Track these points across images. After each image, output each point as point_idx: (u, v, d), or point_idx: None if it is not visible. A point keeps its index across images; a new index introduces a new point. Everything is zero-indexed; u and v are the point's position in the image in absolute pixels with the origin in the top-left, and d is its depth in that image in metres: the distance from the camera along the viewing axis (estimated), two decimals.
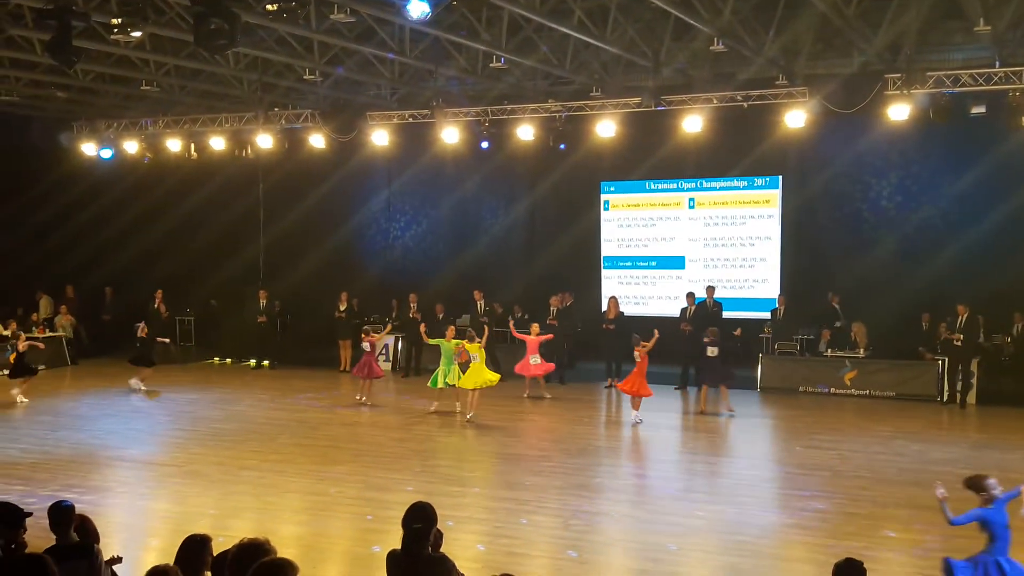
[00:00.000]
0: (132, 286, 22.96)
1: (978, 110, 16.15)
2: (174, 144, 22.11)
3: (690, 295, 19.46)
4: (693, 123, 17.64)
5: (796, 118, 17.10)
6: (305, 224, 23.11)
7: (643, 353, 14.97)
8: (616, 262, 21.79)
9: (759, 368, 18.52)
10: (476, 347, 15.22)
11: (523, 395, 17.32)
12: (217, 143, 21.71)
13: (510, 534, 9.44)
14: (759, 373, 18.48)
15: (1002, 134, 16.87)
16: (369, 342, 16.60)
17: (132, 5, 12.12)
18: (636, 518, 10.17)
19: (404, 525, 5.33)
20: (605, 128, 18.42)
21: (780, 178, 20.26)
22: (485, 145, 19.93)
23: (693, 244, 21.07)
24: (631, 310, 20.35)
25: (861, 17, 14.70)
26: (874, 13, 14.85)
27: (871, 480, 11.57)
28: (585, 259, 21.79)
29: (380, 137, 20.44)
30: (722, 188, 20.75)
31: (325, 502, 10.60)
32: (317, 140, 20.87)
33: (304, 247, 23.02)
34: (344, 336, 20.74)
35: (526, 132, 19.07)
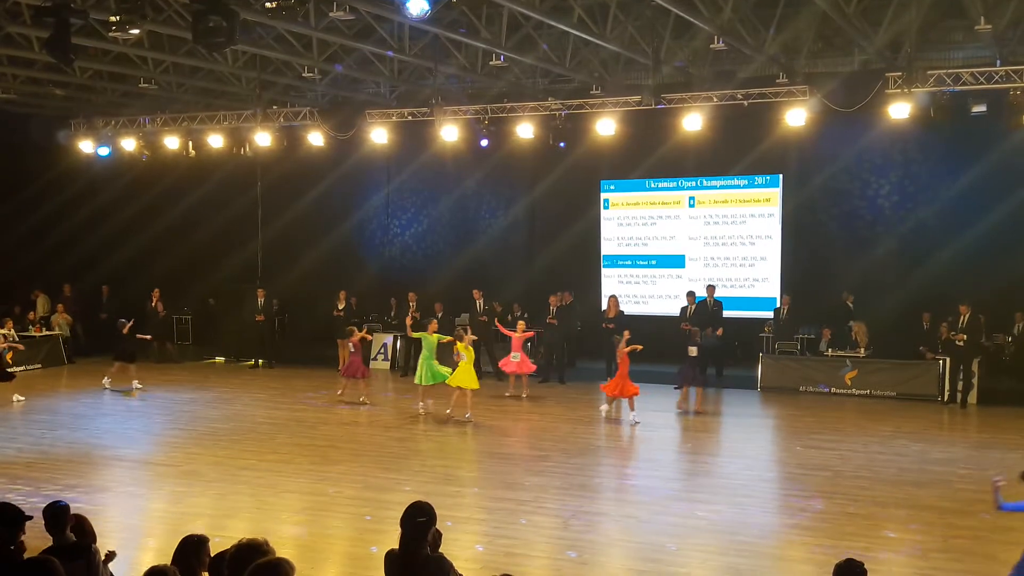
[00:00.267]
0: (129, 285, 22.91)
1: (979, 109, 16.14)
2: (172, 142, 22.06)
3: (690, 294, 19.45)
4: (693, 121, 17.60)
5: (796, 116, 17.09)
6: (304, 222, 23.05)
7: (623, 355, 15.08)
8: (616, 261, 21.74)
9: (759, 367, 18.47)
10: (462, 346, 15.18)
11: (505, 394, 17.22)
12: (215, 141, 21.68)
13: (509, 534, 9.40)
14: (759, 373, 18.44)
15: (1003, 133, 16.85)
16: (351, 343, 16.65)
17: (130, 2, 12.02)
18: (636, 518, 10.12)
19: (403, 523, 5.28)
20: (605, 126, 18.39)
21: (780, 177, 20.21)
22: (484, 143, 19.91)
23: (693, 243, 21.02)
24: (631, 309, 20.31)
25: (862, 15, 14.67)
26: (875, 11, 14.84)
27: (871, 480, 11.54)
28: (585, 258, 21.73)
29: (379, 135, 20.39)
30: (722, 187, 20.70)
31: (323, 502, 10.56)
32: (316, 138, 20.83)
33: (302, 245, 22.97)
34: (342, 335, 20.60)
35: (526, 130, 19.03)
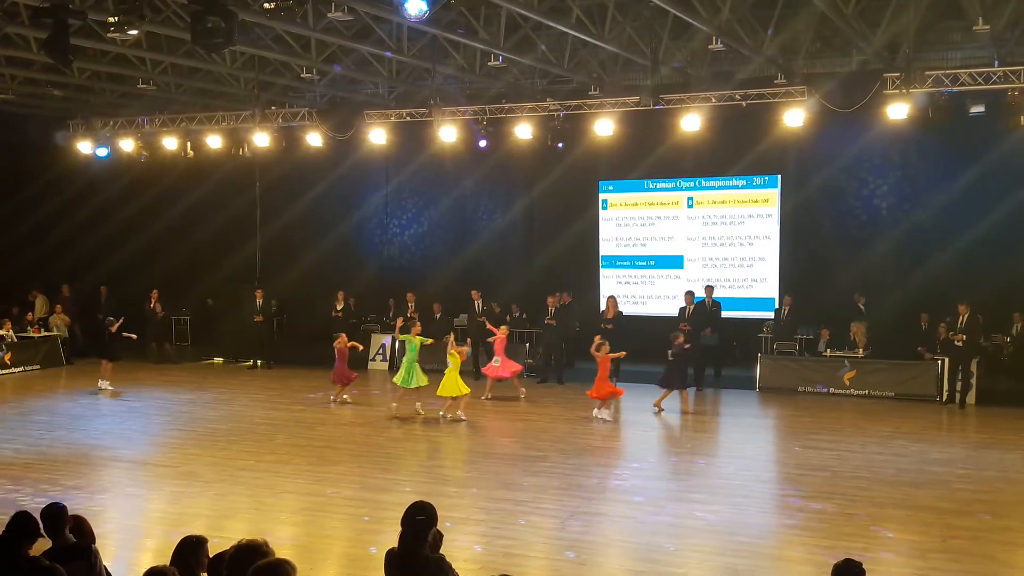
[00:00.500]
0: (128, 285, 22.90)
1: (977, 109, 16.15)
2: (170, 143, 22.04)
3: (689, 294, 19.42)
4: (692, 122, 17.59)
5: (795, 117, 17.09)
6: (302, 223, 23.06)
7: (599, 357, 15.21)
8: (615, 261, 21.74)
9: (758, 368, 18.48)
10: (451, 355, 15.12)
11: (482, 397, 16.87)
12: (214, 141, 21.66)
13: (508, 535, 9.39)
14: (758, 373, 18.44)
15: (1001, 133, 16.86)
16: (336, 347, 16.70)
17: (129, 3, 12.02)
18: (634, 519, 10.11)
19: (403, 522, 5.27)
20: (603, 127, 18.39)
21: (779, 177, 20.22)
22: (483, 144, 19.90)
23: (692, 243, 21.02)
24: (630, 310, 20.31)
25: (860, 16, 14.68)
26: (873, 12, 14.84)
27: (870, 480, 11.54)
28: (583, 258, 21.72)
29: (377, 136, 20.38)
30: (721, 187, 20.71)
31: (322, 503, 10.54)
32: (314, 138, 20.82)
33: (301, 246, 22.98)
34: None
35: (524, 131, 19.03)
